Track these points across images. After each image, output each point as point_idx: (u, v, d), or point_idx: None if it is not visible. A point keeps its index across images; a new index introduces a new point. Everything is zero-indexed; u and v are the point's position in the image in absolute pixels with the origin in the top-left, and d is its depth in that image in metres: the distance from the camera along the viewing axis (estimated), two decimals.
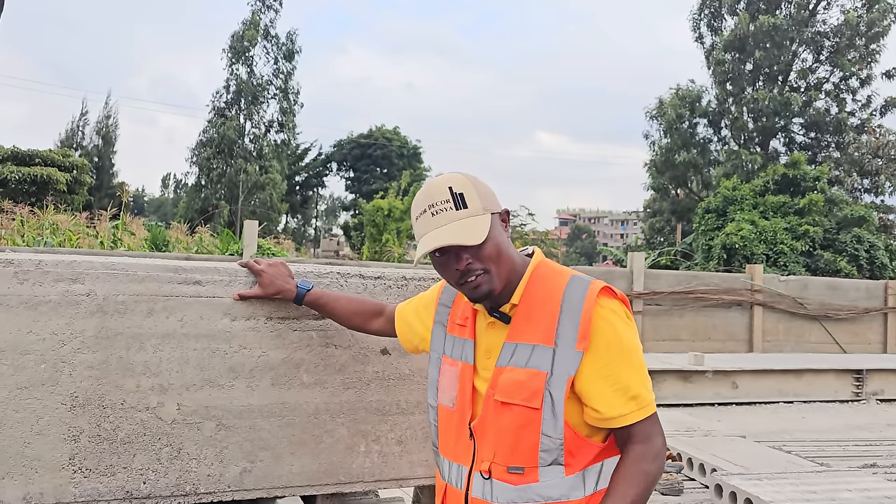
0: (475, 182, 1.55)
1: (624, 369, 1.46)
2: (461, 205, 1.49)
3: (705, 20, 27.22)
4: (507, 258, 1.52)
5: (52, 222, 13.83)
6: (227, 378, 1.94)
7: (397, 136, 46.12)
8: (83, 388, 1.80)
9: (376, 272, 2.15)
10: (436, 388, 1.65)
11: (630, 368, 1.47)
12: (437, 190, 1.52)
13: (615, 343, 1.46)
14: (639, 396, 1.46)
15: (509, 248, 1.55)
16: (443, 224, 1.48)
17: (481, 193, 1.53)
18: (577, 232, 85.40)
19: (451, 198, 1.49)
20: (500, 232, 1.53)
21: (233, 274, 1.96)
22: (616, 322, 1.48)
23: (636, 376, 1.47)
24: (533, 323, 1.49)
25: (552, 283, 1.52)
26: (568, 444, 1.46)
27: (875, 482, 3.44)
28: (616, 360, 1.46)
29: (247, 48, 36.43)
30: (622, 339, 1.47)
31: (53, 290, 1.79)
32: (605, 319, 1.47)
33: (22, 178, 21.89)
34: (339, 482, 2.05)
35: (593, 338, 1.45)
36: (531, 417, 1.45)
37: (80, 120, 41.06)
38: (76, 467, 1.79)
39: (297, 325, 2.01)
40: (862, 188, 24.77)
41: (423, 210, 1.51)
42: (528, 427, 1.45)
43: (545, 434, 1.44)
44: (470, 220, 1.48)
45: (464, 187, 1.51)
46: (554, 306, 1.48)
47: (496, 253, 1.50)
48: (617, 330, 1.47)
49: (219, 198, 35.46)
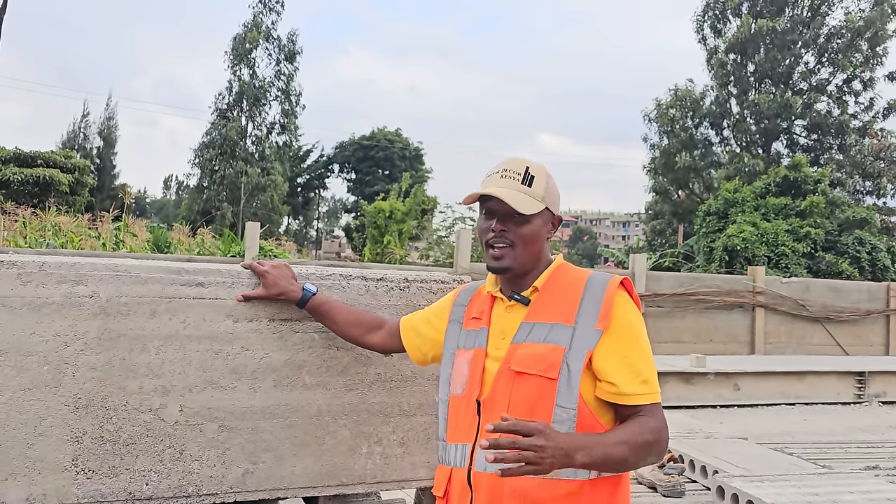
0: (549, 177, 1.69)
1: (638, 354, 1.55)
2: (528, 183, 1.64)
3: (709, 22, 27.22)
4: (537, 247, 1.64)
5: (55, 224, 13.86)
6: (229, 380, 1.94)
7: (399, 137, 46.13)
8: (86, 389, 1.80)
9: (378, 274, 2.15)
10: (448, 382, 1.68)
11: (643, 356, 1.56)
12: (516, 163, 1.68)
13: (631, 330, 1.56)
14: (649, 381, 1.55)
15: (543, 243, 1.66)
16: (505, 186, 1.63)
17: (549, 188, 1.67)
18: (579, 234, 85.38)
19: (524, 173, 1.65)
20: (543, 226, 1.65)
21: (235, 276, 1.97)
22: (632, 313, 1.59)
23: (647, 364, 1.56)
24: (553, 305, 1.59)
25: (575, 276, 1.65)
26: (580, 418, 1.50)
27: (877, 484, 3.43)
28: (632, 344, 1.55)
29: (248, 50, 36.47)
30: (637, 328, 1.58)
31: (57, 291, 1.79)
32: (625, 307, 1.58)
33: (24, 180, 21.93)
34: (342, 483, 2.06)
35: (613, 320, 1.55)
36: (547, 388, 1.51)
37: (81, 121, 41.17)
38: (79, 469, 1.79)
39: (299, 327, 2.02)
40: (864, 190, 24.75)
41: (495, 171, 1.67)
42: (544, 398, 1.51)
43: (559, 405, 1.49)
44: (528, 197, 1.62)
45: (538, 173, 1.66)
46: (576, 292, 1.59)
47: (531, 237, 1.62)
48: (633, 319, 1.58)
49: (220, 199, 35.48)
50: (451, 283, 2.22)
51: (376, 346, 1.95)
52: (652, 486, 3.46)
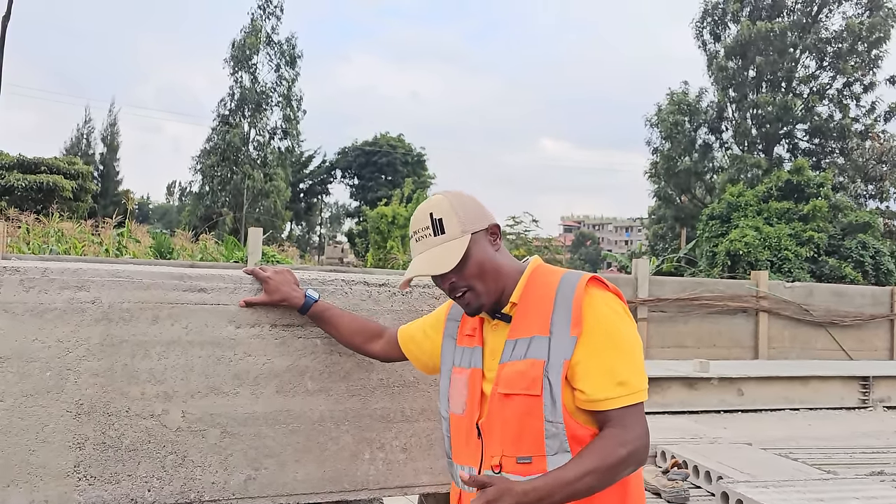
0: (457, 203, 1.61)
1: (612, 353, 1.48)
2: (439, 230, 1.57)
3: (708, 27, 27.26)
4: (492, 272, 1.58)
5: (58, 230, 13.89)
6: (231, 385, 1.94)
7: (402, 143, 46.19)
8: (88, 395, 1.80)
9: (381, 279, 2.15)
10: (447, 398, 1.67)
11: (619, 353, 1.48)
12: (420, 216, 1.62)
13: (604, 327, 1.49)
14: (627, 382, 1.47)
15: (497, 260, 1.60)
16: (421, 251, 1.60)
17: (462, 215, 1.58)
18: (582, 238, 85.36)
19: (431, 224, 1.58)
20: (484, 248, 1.59)
21: (237, 281, 1.97)
22: (604, 309, 1.52)
23: (625, 362, 1.48)
24: (530, 317, 1.54)
25: (548, 280, 1.58)
26: (570, 429, 1.47)
27: (882, 490, 3.41)
28: (604, 343, 1.48)
29: (249, 56, 36.57)
30: (611, 323, 1.50)
31: (59, 297, 1.79)
32: (594, 307, 1.51)
33: (28, 186, 21.99)
34: (344, 489, 2.05)
35: (585, 323, 1.49)
36: (532, 405, 1.48)
37: (84, 128, 41.31)
38: (81, 475, 1.79)
39: (301, 333, 2.01)
40: (866, 194, 24.71)
41: (411, 235, 1.64)
42: (531, 415, 1.48)
43: (548, 420, 1.47)
44: (446, 245, 1.56)
45: (443, 212, 1.58)
46: (549, 299, 1.53)
47: (478, 271, 1.56)
48: (606, 316, 1.51)
49: (222, 205, 35.55)
50: None
51: (377, 354, 1.94)
52: (656, 491, 3.45)
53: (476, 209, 1.62)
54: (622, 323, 1.53)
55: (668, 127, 26.26)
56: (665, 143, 26.99)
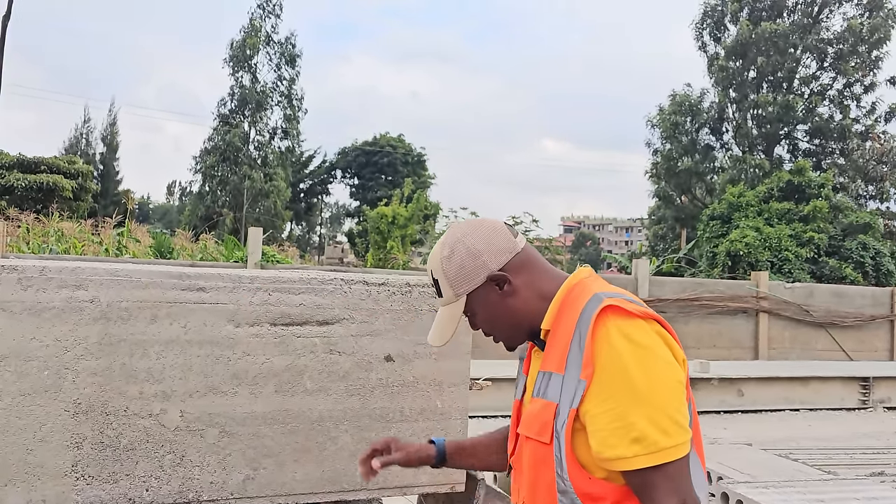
0: (450, 260, 1.43)
1: (628, 403, 1.23)
2: (438, 293, 1.48)
3: (707, 29, 27.27)
4: (505, 318, 1.44)
5: (58, 229, 13.89)
6: (230, 385, 1.93)
7: (402, 143, 46.19)
8: (86, 394, 1.80)
9: (380, 279, 2.14)
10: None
11: (636, 403, 1.22)
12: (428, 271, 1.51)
13: (619, 371, 1.25)
14: (644, 439, 1.21)
15: (509, 306, 1.42)
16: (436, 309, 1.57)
17: (453, 276, 1.43)
18: (582, 239, 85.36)
19: (433, 282, 1.48)
20: (488, 301, 1.42)
21: (236, 280, 1.96)
22: (622, 346, 1.26)
23: (644, 413, 1.22)
24: (555, 349, 1.37)
25: (578, 304, 1.35)
26: (579, 485, 1.28)
27: (883, 491, 3.41)
28: (619, 391, 1.24)
29: (249, 56, 36.58)
30: (627, 366, 1.24)
31: (57, 296, 1.78)
32: (609, 343, 1.26)
33: (28, 186, 21.99)
34: (343, 489, 2.04)
35: (596, 364, 1.26)
36: (544, 454, 1.32)
37: (83, 127, 41.34)
38: (79, 474, 1.78)
39: (300, 332, 2.01)
40: (867, 195, 24.71)
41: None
42: (544, 465, 1.32)
43: (558, 473, 1.29)
44: (445, 310, 1.47)
45: (437, 273, 1.45)
46: (570, 329, 1.33)
47: (489, 322, 1.45)
48: (621, 356, 1.25)
49: (222, 205, 35.56)
50: None
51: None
52: None
53: (469, 261, 1.42)
54: (644, 359, 1.25)
55: (668, 127, 26.27)
56: (665, 143, 27.00)
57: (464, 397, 2.21)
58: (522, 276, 1.43)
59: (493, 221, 1.49)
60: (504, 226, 1.48)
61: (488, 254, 1.42)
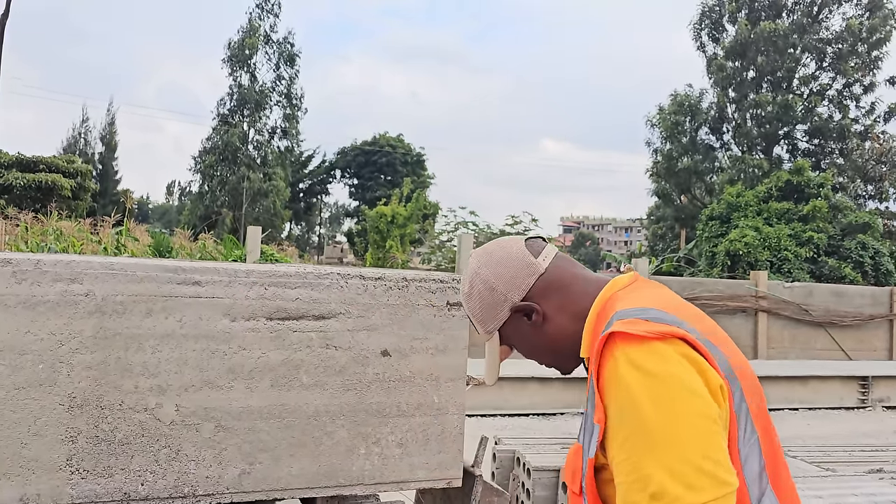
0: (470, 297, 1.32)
1: (642, 450, 1.01)
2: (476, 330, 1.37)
3: (706, 29, 27.28)
4: (543, 347, 1.29)
5: (56, 229, 13.87)
6: (226, 379, 1.92)
7: (401, 143, 46.21)
8: (81, 388, 1.79)
9: (377, 273, 2.13)
10: None
11: (651, 449, 1.00)
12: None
13: (630, 410, 1.03)
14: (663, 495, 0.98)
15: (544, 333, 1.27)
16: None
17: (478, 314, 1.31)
18: (581, 239, 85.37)
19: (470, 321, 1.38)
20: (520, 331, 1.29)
21: (232, 274, 1.95)
22: (631, 378, 1.04)
23: (661, 462, 0.99)
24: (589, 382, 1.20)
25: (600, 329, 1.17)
26: None
27: (882, 487, 3.41)
28: (633, 435, 1.03)
29: (248, 55, 36.57)
30: (639, 403, 1.02)
31: (52, 289, 1.78)
32: (617, 377, 1.06)
33: (27, 185, 21.98)
34: (339, 484, 2.04)
35: (607, 404, 1.07)
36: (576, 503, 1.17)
37: (80, 127, 41.33)
38: (73, 468, 1.78)
39: (296, 326, 2.00)
40: (866, 194, 24.73)
41: None
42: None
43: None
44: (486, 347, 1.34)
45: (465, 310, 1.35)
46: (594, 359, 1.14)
47: (530, 353, 1.32)
48: (630, 390, 1.04)
49: (221, 205, 35.55)
50: (450, 282, 2.21)
51: None
52: None
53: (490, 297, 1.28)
54: (657, 392, 1.02)
55: (668, 127, 26.29)
56: (665, 143, 27.02)
57: (461, 392, 2.20)
58: (552, 299, 1.26)
59: (509, 243, 1.32)
60: (521, 246, 1.31)
61: (506, 285, 1.27)
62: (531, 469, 3.30)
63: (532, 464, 3.30)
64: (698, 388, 1.04)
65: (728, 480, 0.99)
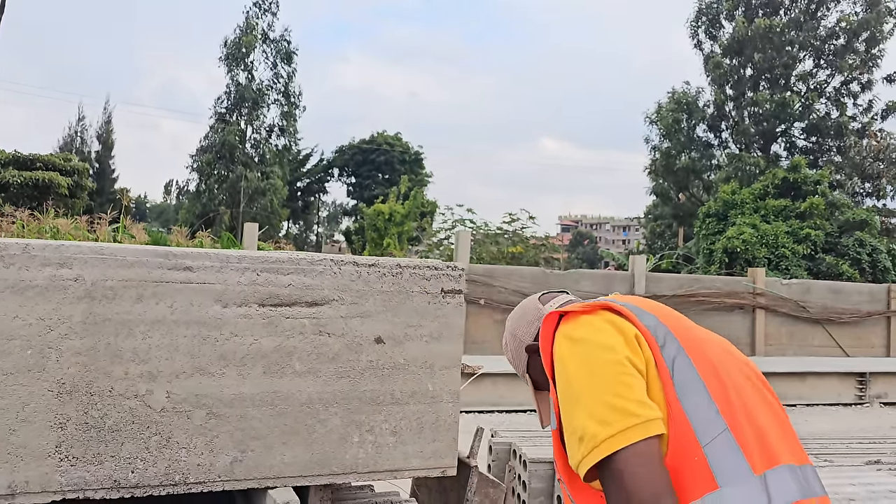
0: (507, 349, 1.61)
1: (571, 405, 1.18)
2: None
3: (703, 27, 27.26)
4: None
5: (53, 226, 13.82)
6: (217, 366, 1.90)
7: (399, 142, 46.14)
8: (70, 374, 1.77)
9: (371, 260, 2.11)
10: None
11: (576, 402, 1.17)
12: None
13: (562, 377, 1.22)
14: (585, 435, 1.12)
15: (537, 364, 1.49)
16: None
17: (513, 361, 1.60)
18: (579, 238, 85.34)
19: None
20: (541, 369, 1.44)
21: (224, 260, 1.93)
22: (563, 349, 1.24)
23: (583, 410, 1.15)
24: None
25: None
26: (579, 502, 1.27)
27: (879, 477, 3.40)
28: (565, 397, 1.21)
29: (245, 53, 36.49)
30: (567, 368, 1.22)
31: (40, 274, 1.75)
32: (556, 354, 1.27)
33: (23, 183, 21.91)
34: (333, 473, 2.01)
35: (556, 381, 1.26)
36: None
37: (77, 125, 41.24)
38: (62, 455, 1.75)
39: (289, 313, 1.98)
40: (864, 192, 24.74)
41: None
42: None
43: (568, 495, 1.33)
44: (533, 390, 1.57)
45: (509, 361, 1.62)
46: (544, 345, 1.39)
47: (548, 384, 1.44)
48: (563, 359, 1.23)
49: (219, 203, 35.49)
50: (445, 269, 2.19)
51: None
52: None
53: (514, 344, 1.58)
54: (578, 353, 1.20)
55: (667, 124, 26.28)
56: (664, 140, 27.01)
57: (455, 380, 2.18)
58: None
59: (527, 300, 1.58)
60: (535, 298, 1.55)
61: (520, 330, 1.54)
62: (527, 461, 3.28)
63: (528, 455, 3.29)
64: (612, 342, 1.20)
65: (637, 412, 1.10)
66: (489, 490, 2.65)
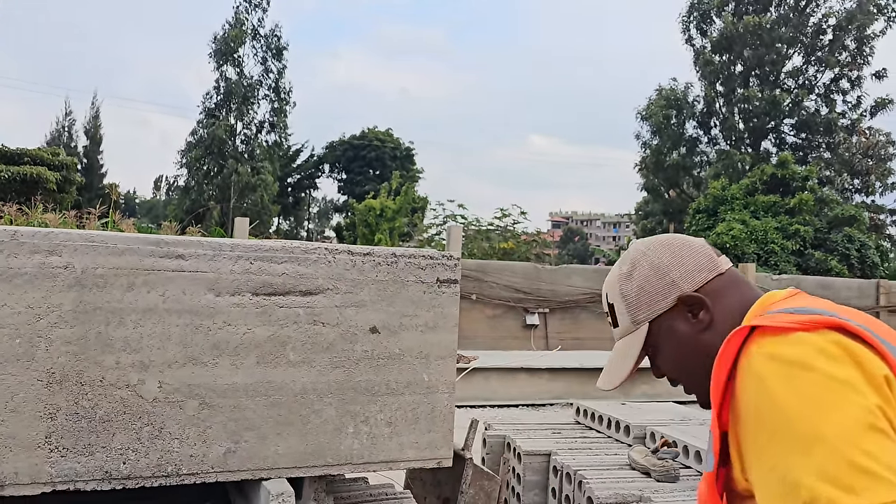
0: (629, 278, 1.18)
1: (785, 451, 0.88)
2: (614, 322, 1.22)
3: (694, 22, 27.33)
4: (697, 357, 1.13)
5: (41, 221, 13.70)
6: (210, 355, 1.87)
7: (390, 137, 46.02)
8: (60, 363, 1.73)
9: (366, 249, 2.09)
10: None
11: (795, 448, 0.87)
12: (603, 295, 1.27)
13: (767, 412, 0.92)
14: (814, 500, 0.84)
15: (701, 340, 1.12)
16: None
17: (633, 298, 1.17)
18: (570, 234, 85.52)
19: (608, 310, 1.23)
20: (675, 332, 1.14)
21: (217, 248, 1.90)
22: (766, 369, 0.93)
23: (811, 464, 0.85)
24: None
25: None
26: None
27: None
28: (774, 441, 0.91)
29: (234, 49, 36.28)
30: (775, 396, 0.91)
31: (29, 262, 1.72)
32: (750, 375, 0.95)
33: (11, 178, 21.70)
34: (327, 464, 1.99)
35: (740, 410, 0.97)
36: None
37: (64, 120, 40.90)
38: (53, 446, 1.72)
39: (283, 302, 1.95)
40: (853, 188, 24.90)
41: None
42: None
43: None
44: (618, 346, 1.20)
45: (614, 294, 1.20)
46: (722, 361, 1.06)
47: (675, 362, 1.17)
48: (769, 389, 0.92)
49: (208, 199, 35.31)
50: (440, 259, 2.17)
51: None
52: (645, 471, 3.43)
53: (656, 281, 1.15)
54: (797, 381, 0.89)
55: (658, 121, 26.34)
56: (654, 137, 27.08)
57: (451, 371, 2.17)
58: (724, 304, 1.13)
59: (688, 237, 1.21)
60: (705, 243, 1.22)
61: (680, 271, 1.15)
62: (522, 453, 3.27)
63: (523, 448, 3.28)
64: (852, 377, 0.87)
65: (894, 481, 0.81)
66: (484, 482, 2.64)
